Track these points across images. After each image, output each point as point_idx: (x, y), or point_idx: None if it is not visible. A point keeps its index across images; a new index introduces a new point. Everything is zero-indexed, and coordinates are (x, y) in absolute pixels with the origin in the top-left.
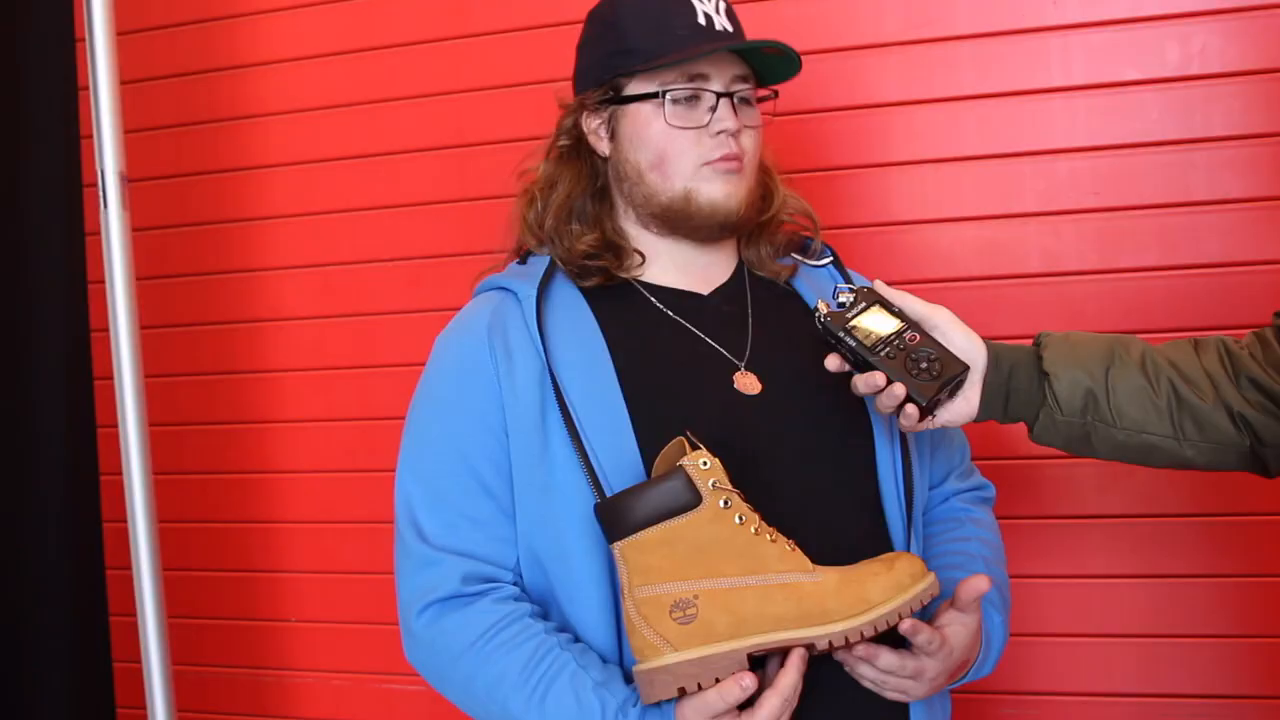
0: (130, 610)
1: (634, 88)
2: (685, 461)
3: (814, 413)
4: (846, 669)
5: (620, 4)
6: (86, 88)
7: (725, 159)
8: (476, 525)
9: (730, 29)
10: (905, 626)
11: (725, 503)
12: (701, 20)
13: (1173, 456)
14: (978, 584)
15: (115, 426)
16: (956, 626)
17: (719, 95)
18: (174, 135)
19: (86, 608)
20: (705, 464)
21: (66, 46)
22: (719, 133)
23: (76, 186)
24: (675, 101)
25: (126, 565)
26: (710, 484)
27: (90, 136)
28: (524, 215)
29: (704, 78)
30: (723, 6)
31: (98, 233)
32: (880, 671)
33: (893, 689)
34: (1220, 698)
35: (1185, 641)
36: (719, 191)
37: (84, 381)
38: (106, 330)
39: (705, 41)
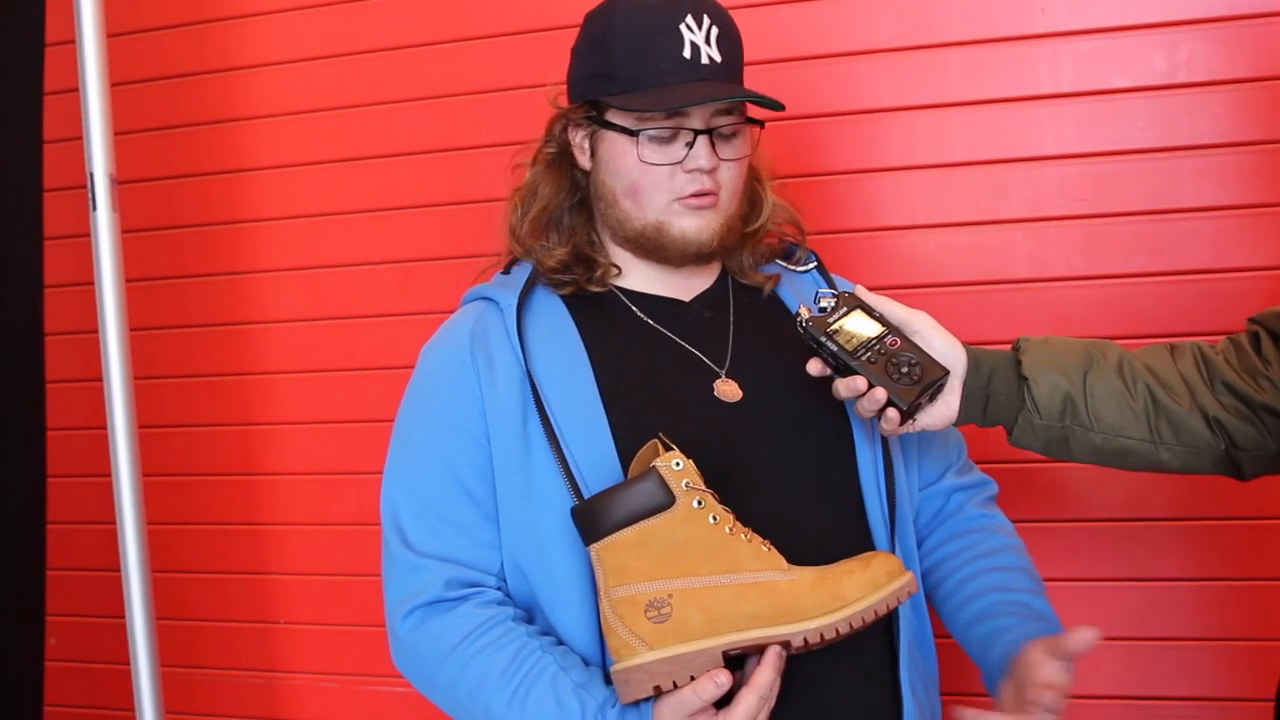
0: (119, 612)
1: (613, 116)
2: (658, 463)
3: (795, 418)
4: None
5: (612, 22)
6: (75, 89)
7: (697, 195)
8: (460, 531)
9: (719, 59)
10: (1047, 699)
11: (698, 503)
12: (687, 53)
13: (1149, 460)
14: (1086, 637)
15: (104, 428)
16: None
17: (697, 133)
18: (163, 137)
19: (21, 609)
20: (678, 465)
21: (34, 51)
22: (692, 170)
23: (35, 190)
24: (651, 138)
25: (115, 567)
26: (683, 484)
27: (79, 138)
28: (509, 220)
29: (682, 115)
30: (714, 34)
31: (86, 234)
32: None
33: None
34: (1206, 700)
35: (1171, 644)
36: (691, 226)
37: (35, 384)
38: (95, 332)
39: (689, 76)
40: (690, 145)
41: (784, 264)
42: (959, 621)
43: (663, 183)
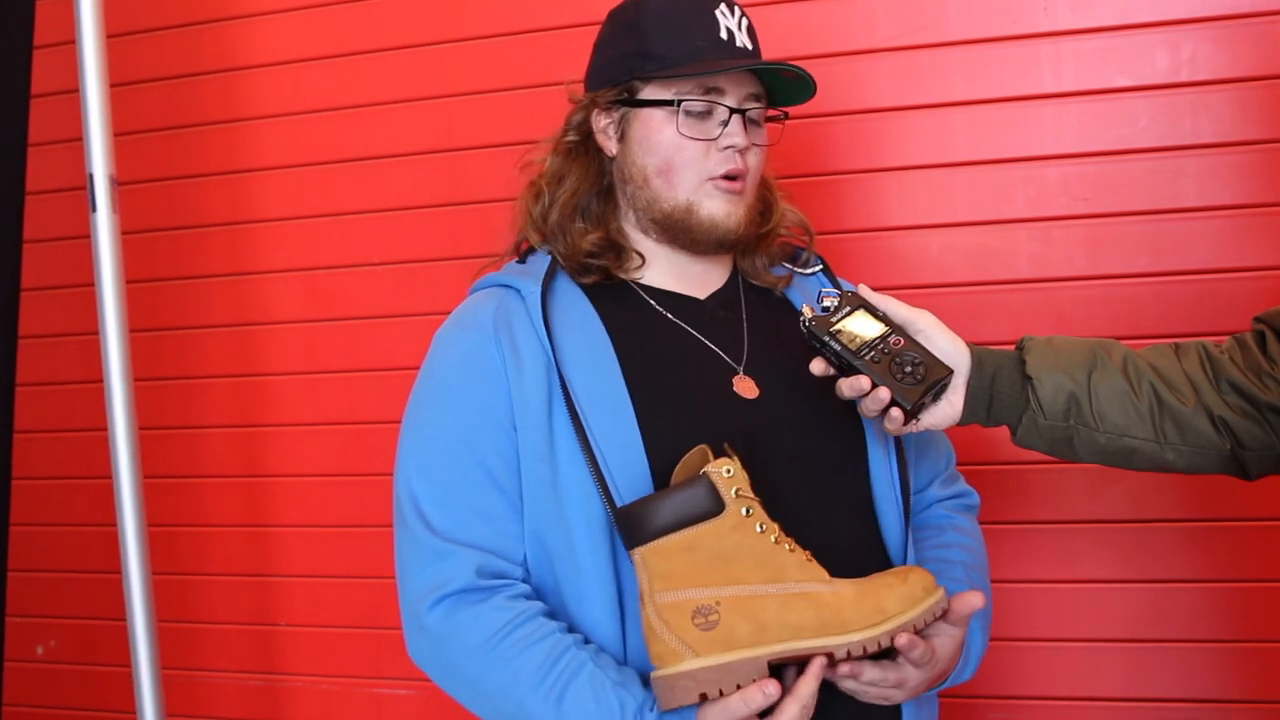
0: (119, 614)
1: (649, 93)
2: (710, 469)
3: (810, 418)
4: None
5: (644, 7)
6: (75, 91)
7: (729, 176)
8: (486, 519)
9: (750, 47)
10: (902, 641)
11: (747, 511)
12: (724, 35)
13: (1154, 460)
14: (972, 600)
15: (104, 430)
16: (944, 639)
17: (732, 111)
18: (163, 138)
19: None
20: (729, 472)
21: (21, 54)
22: (727, 148)
23: (14, 194)
24: (688, 113)
25: (116, 569)
26: (733, 492)
27: (79, 139)
28: (529, 209)
29: (719, 92)
30: (745, 24)
31: (86, 235)
32: (863, 685)
33: (874, 697)
34: (1207, 702)
35: (1172, 646)
36: (720, 210)
37: (4, 388)
38: (95, 334)
39: (726, 56)
40: (725, 123)
41: (790, 266)
42: None
43: (696, 160)
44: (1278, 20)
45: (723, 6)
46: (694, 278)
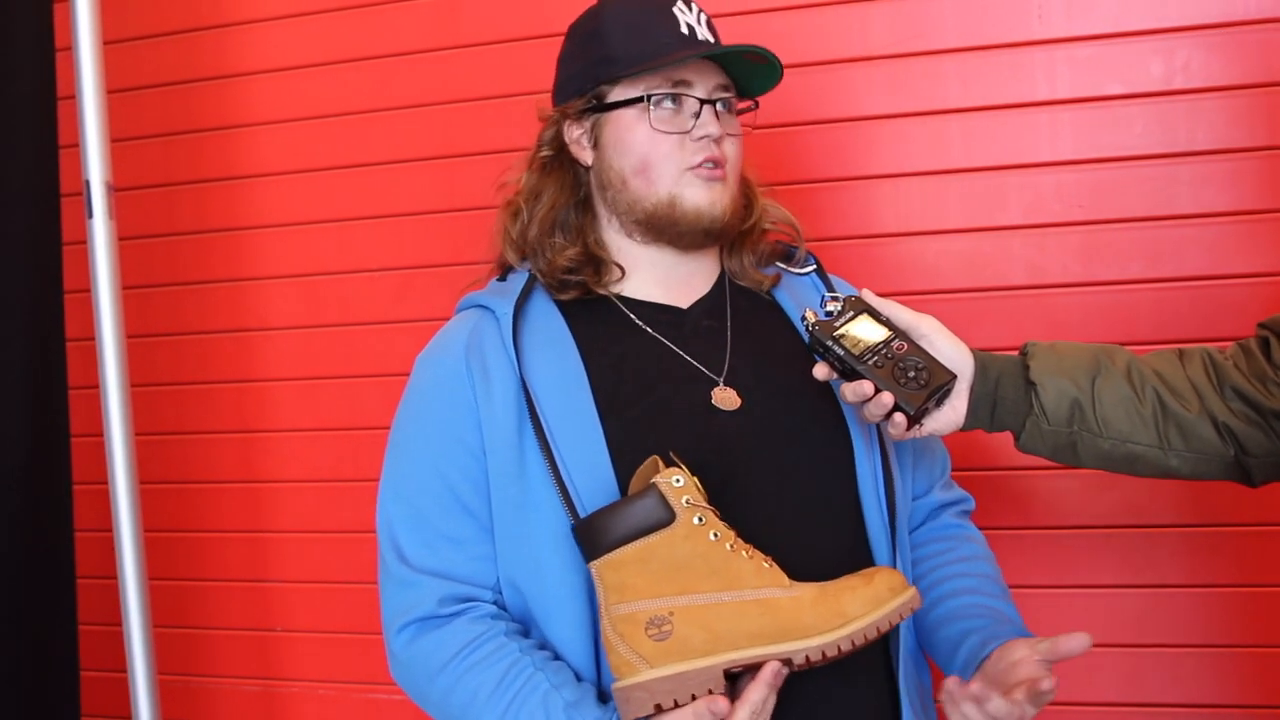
0: (115, 620)
1: (617, 94)
2: (658, 479)
3: (793, 427)
4: (946, 704)
5: (603, 16)
6: (72, 97)
7: (707, 163)
8: (455, 545)
9: (712, 40)
10: (1047, 685)
11: (699, 519)
12: (684, 30)
13: (1157, 466)
14: (1082, 641)
15: (100, 435)
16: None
17: (702, 102)
18: (160, 144)
19: (49, 617)
20: (678, 481)
21: (45, 57)
22: (701, 138)
23: (51, 196)
24: (659, 106)
25: (112, 575)
26: (683, 501)
27: (76, 145)
28: (506, 228)
29: (687, 84)
30: (704, 19)
31: (83, 241)
32: (986, 715)
33: None
34: (1205, 707)
35: (1169, 651)
36: (703, 198)
37: (54, 391)
38: (92, 339)
39: (689, 49)
40: (697, 114)
41: (784, 266)
42: (925, 622)
43: (673, 153)
44: (1272, 28)
45: (680, 4)
46: (678, 284)
